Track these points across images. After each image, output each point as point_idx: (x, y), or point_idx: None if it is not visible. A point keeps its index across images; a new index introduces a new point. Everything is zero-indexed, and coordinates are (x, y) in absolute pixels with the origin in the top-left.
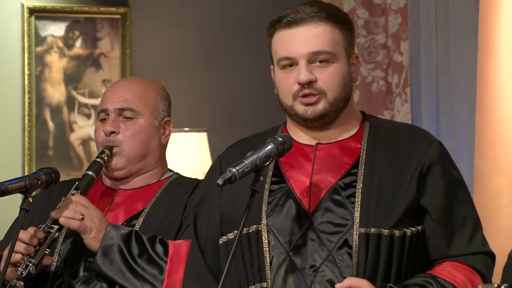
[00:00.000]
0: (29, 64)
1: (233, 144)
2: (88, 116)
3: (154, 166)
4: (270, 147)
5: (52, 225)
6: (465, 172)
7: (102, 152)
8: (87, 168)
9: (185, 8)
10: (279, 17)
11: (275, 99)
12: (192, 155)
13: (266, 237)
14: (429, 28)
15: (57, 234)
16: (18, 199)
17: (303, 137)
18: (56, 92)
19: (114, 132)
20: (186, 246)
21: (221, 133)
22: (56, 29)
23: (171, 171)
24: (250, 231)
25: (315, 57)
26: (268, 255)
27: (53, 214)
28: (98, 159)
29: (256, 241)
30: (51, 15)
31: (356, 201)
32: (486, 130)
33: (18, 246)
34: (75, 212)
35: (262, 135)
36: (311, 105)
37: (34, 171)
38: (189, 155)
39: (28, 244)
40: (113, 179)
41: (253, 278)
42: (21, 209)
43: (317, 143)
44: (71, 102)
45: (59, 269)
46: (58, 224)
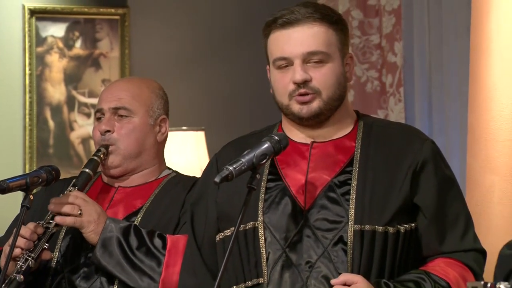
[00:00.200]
0: (30, 64)
1: (229, 142)
2: (88, 115)
3: (151, 164)
4: (266, 145)
5: (51, 220)
6: (457, 170)
7: (98, 150)
8: (84, 166)
9: (182, 9)
10: (274, 18)
11: (271, 98)
12: (190, 153)
13: (263, 233)
14: (422, 29)
15: (55, 229)
16: (19, 197)
17: (298, 135)
18: (56, 92)
19: (109, 131)
20: (184, 240)
21: (218, 132)
22: (56, 30)
23: (169, 169)
24: (247, 228)
25: (310, 57)
26: (264, 251)
27: (51, 207)
28: (94, 157)
29: (252, 238)
30: (52, 16)
31: (351, 198)
32: (478, 128)
33: (18, 241)
34: (73, 208)
35: (258, 133)
36: (306, 103)
37: (35, 169)
38: (187, 153)
39: (27, 239)
40: (110, 177)
41: (250, 274)
42: (22, 206)
43: (313, 142)
44: (71, 101)
45: (59, 265)
46: None
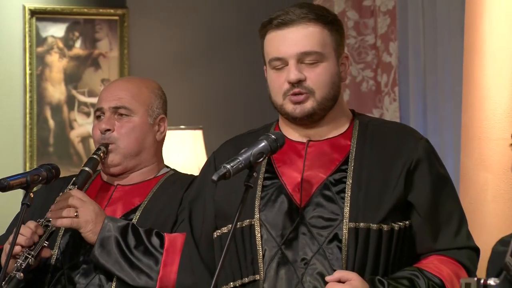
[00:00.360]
0: (30, 64)
1: (227, 141)
2: (88, 114)
3: (150, 162)
4: (263, 144)
5: (50, 219)
6: (451, 168)
7: (98, 149)
8: (83, 164)
9: (180, 10)
10: (270, 19)
11: (267, 98)
12: (188, 152)
13: (259, 231)
14: (416, 30)
15: (55, 227)
16: (19, 195)
17: (294, 134)
18: (56, 91)
19: (109, 130)
20: (182, 239)
21: (216, 131)
22: (56, 30)
23: (167, 167)
24: (244, 225)
25: (305, 57)
26: (260, 248)
27: (48, 215)
28: (94, 156)
29: (249, 235)
30: (52, 17)
31: (346, 196)
32: (472, 127)
33: (18, 239)
34: (68, 211)
35: (255, 132)
36: (299, 103)
37: (35, 167)
38: (185, 152)
39: (27, 238)
40: (109, 175)
41: (246, 270)
42: (22, 204)
43: (308, 140)
44: (71, 100)
45: (58, 262)
46: None
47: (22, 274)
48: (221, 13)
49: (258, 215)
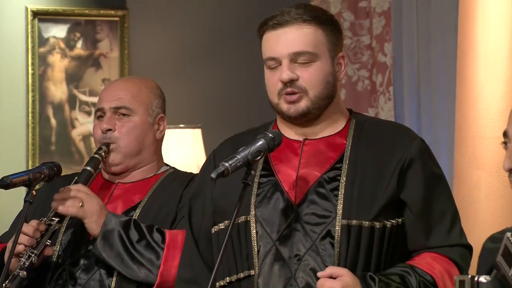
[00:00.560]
0: (32, 64)
1: (227, 139)
2: (89, 113)
3: (150, 161)
4: (261, 142)
5: (53, 218)
6: (445, 167)
7: (100, 148)
8: (85, 164)
9: (180, 11)
10: (266, 19)
11: (266, 96)
12: (187, 150)
13: (254, 227)
14: (411, 30)
15: (58, 226)
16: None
17: (291, 133)
18: (58, 91)
19: (110, 130)
20: (182, 235)
21: (214, 129)
22: (58, 31)
23: (167, 165)
24: (240, 221)
25: (297, 57)
26: (255, 244)
27: (54, 204)
28: (96, 155)
29: (244, 231)
30: (54, 18)
31: (339, 194)
32: (465, 126)
33: (21, 238)
34: (74, 201)
35: (254, 131)
36: (293, 103)
37: (38, 165)
38: (184, 150)
39: (30, 236)
40: (111, 174)
41: (242, 266)
42: (25, 201)
43: (305, 139)
44: (72, 100)
45: (60, 258)
46: (58, 217)
47: (25, 273)
48: (220, 13)
49: (254, 212)
